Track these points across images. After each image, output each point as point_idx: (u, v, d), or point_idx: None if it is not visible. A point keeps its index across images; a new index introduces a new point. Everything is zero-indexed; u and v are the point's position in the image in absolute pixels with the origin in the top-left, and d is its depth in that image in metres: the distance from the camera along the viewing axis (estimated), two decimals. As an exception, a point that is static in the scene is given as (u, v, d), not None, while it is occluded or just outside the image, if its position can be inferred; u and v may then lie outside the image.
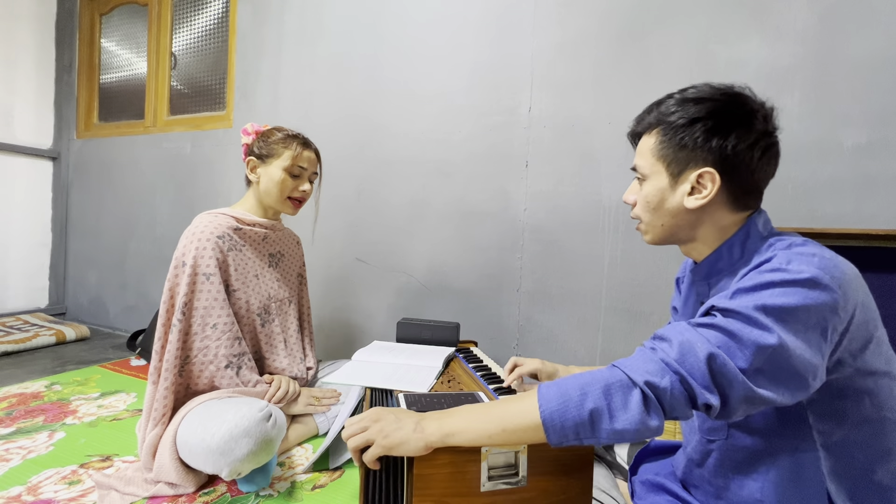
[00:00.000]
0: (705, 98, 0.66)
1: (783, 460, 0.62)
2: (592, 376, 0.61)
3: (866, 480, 0.59)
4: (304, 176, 1.28)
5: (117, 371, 1.81)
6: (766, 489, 0.62)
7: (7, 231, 2.48)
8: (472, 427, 0.66)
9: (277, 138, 1.26)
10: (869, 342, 0.58)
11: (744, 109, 0.65)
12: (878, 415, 0.59)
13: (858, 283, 0.59)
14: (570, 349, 1.53)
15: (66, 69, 2.68)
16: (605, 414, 0.58)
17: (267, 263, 1.32)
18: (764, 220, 0.69)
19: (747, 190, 0.66)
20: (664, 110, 0.69)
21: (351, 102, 1.89)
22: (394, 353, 1.31)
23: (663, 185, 0.69)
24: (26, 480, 1.03)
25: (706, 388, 0.55)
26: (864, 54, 1.19)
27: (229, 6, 2.22)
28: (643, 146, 0.72)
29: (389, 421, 0.69)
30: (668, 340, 0.59)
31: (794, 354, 0.54)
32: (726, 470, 0.67)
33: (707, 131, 0.65)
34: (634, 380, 0.57)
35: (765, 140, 0.65)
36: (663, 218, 0.70)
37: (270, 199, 1.26)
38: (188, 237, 1.16)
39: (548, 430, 0.60)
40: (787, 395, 0.55)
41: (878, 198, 1.18)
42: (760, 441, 0.63)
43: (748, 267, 0.63)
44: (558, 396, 0.61)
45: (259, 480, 1.02)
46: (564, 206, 1.54)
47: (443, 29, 1.73)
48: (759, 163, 0.65)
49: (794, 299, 0.55)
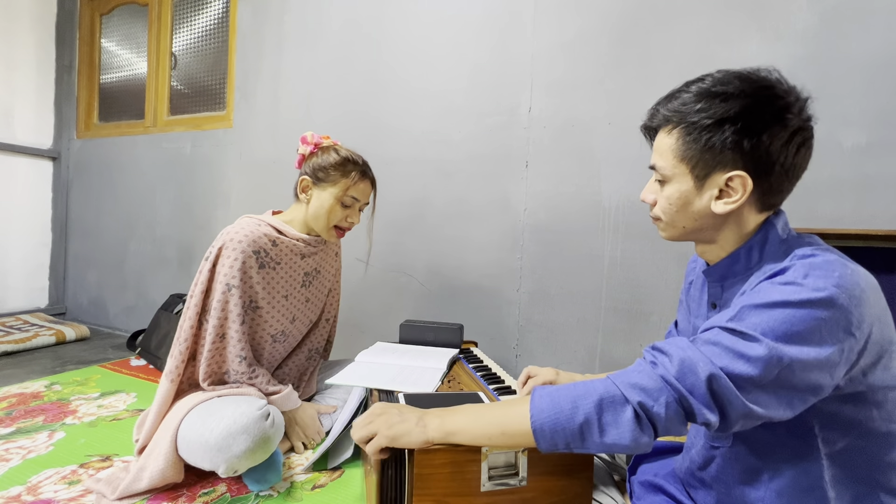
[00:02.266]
0: (732, 94, 0.60)
1: (787, 469, 0.61)
2: (586, 388, 0.60)
3: (869, 488, 0.59)
4: (356, 206, 1.23)
5: (117, 371, 1.81)
6: (769, 497, 0.62)
7: (7, 231, 2.48)
8: (472, 428, 0.66)
9: (336, 161, 1.18)
10: (882, 357, 0.56)
11: (777, 105, 0.59)
12: (886, 427, 0.58)
13: (876, 298, 0.56)
14: (570, 349, 1.53)
15: (67, 69, 2.68)
16: (594, 428, 0.57)
17: (300, 283, 1.26)
18: (783, 222, 0.65)
19: (779, 189, 0.62)
20: (684, 106, 0.63)
21: (351, 102, 1.89)
22: (397, 355, 1.31)
23: (687, 187, 0.64)
24: (26, 480, 1.03)
25: (706, 406, 0.54)
26: (864, 54, 1.20)
27: (229, 6, 2.22)
28: (662, 145, 0.66)
29: (393, 414, 0.71)
30: (669, 355, 0.58)
31: (799, 375, 0.52)
32: (728, 477, 0.67)
33: (737, 132, 0.58)
34: (628, 397, 0.57)
35: (801, 135, 0.59)
36: (686, 220, 0.66)
37: (317, 225, 1.21)
38: (224, 239, 1.12)
39: (537, 439, 0.60)
40: (788, 412, 0.54)
41: (878, 198, 1.18)
42: (765, 450, 0.62)
43: (761, 274, 0.60)
44: (550, 407, 0.60)
45: (271, 478, 1.02)
46: (564, 206, 1.54)
47: (443, 29, 1.73)
48: (795, 160, 0.60)
49: (806, 323, 0.51)
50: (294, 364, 1.35)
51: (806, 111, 0.60)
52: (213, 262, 1.11)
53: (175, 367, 1.09)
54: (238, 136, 2.15)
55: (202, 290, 1.11)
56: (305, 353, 1.38)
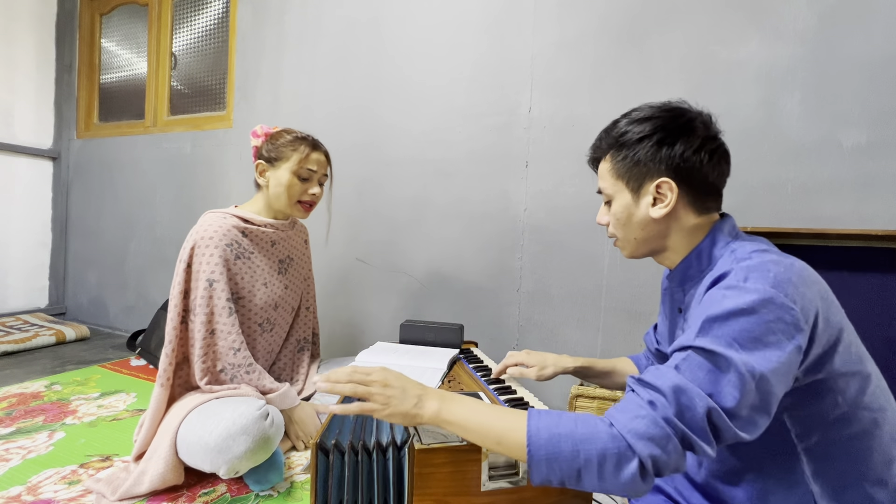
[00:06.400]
0: (648, 116, 0.71)
1: (768, 468, 0.63)
2: (588, 431, 0.58)
3: (852, 479, 0.60)
4: (314, 179, 1.26)
5: (117, 371, 1.81)
6: (756, 497, 0.63)
7: (7, 231, 2.48)
8: (469, 428, 0.66)
9: (286, 141, 1.24)
10: (836, 345, 0.59)
11: (684, 119, 0.70)
12: (854, 413, 0.59)
13: (815, 291, 0.59)
14: (570, 349, 1.53)
15: (67, 69, 2.68)
16: (594, 474, 0.57)
17: (277, 270, 1.30)
18: (730, 225, 0.72)
19: (705, 191, 0.70)
20: (615, 133, 0.74)
21: (351, 103, 1.89)
22: (398, 355, 1.31)
23: (627, 201, 0.73)
24: (26, 480, 1.03)
25: (705, 441, 0.55)
26: (864, 54, 1.20)
27: (229, 6, 2.22)
28: (602, 170, 0.77)
29: (396, 391, 0.69)
30: (662, 392, 0.57)
31: (772, 381, 0.55)
32: (716, 480, 0.69)
33: (655, 144, 0.69)
34: (637, 451, 0.55)
35: (709, 144, 0.69)
36: (634, 231, 0.74)
37: (280, 203, 1.24)
38: (194, 238, 1.14)
39: (532, 474, 0.59)
40: (768, 419, 0.56)
41: (878, 198, 1.18)
42: (745, 451, 0.65)
43: (709, 279, 0.64)
44: (548, 444, 0.59)
45: (273, 477, 1.02)
46: (564, 206, 1.54)
47: (443, 29, 1.73)
48: (709, 165, 0.69)
49: (761, 327, 0.56)
50: (287, 357, 1.38)
51: (713, 126, 0.71)
52: (187, 263, 1.13)
53: (164, 370, 1.10)
54: (238, 136, 2.15)
55: (180, 290, 1.12)
56: (294, 343, 1.42)
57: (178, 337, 1.11)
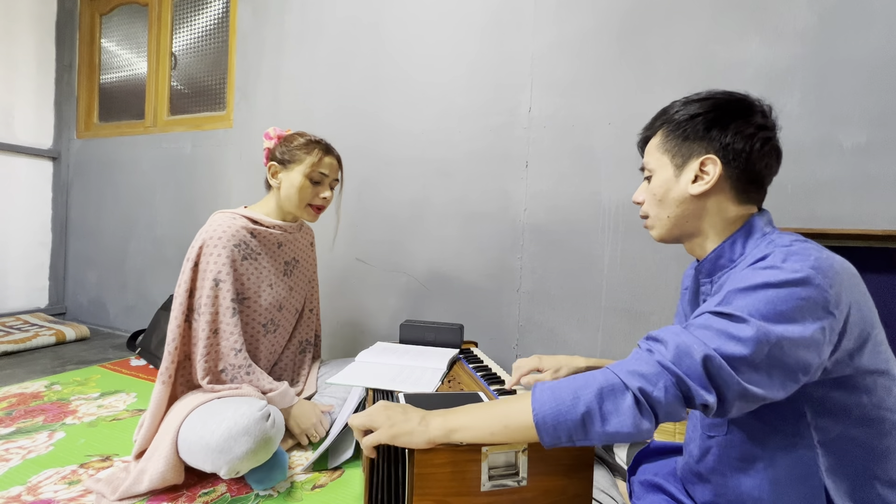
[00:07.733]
0: (706, 98, 0.71)
1: (781, 457, 0.62)
2: (586, 380, 0.61)
3: (865, 479, 0.59)
4: (325, 182, 1.27)
5: (117, 371, 1.81)
6: (764, 486, 0.63)
7: (7, 231, 2.48)
8: (475, 424, 0.67)
9: (299, 143, 1.24)
10: (866, 341, 0.59)
11: (742, 104, 0.69)
12: (877, 414, 0.59)
13: (853, 283, 0.59)
14: (570, 349, 1.53)
15: (67, 69, 2.68)
16: (596, 417, 0.58)
17: (282, 272, 1.30)
18: (767, 219, 0.70)
19: (749, 179, 0.69)
20: (670, 111, 0.74)
21: (351, 103, 1.89)
22: (398, 355, 1.31)
23: (668, 175, 0.72)
24: (26, 480, 1.03)
25: (703, 387, 0.55)
26: (864, 54, 1.20)
27: (229, 6, 2.22)
28: (650, 146, 0.76)
29: (397, 412, 0.71)
30: (664, 342, 0.59)
31: (787, 353, 0.54)
32: (724, 467, 0.68)
33: (707, 122, 0.69)
34: (628, 384, 0.58)
35: (763, 133, 0.68)
36: (669, 209, 0.73)
37: (290, 205, 1.25)
38: (203, 238, 1.14)
39: (540, 433, 0.61)
40: (781, 392, 0.56)
41: (878, 198, 1.18)
42: (759, 437, 0.64)
43: (744, 263, 0.64)
44: (551, 400, 0.61)
45: (276, 476, 1.02)
46: (564, 206, 1.54)
47: (443, 29, 1.73)
48: (758, 154, 0.68)
49: (788, 303, 0.55)
50: (289, 358, 1.38)
51: (770, 117, 0.70)
52: (194, 262, 1.13)
53: (166, 368, 1.10)
54: (238, 136, 2.15)
55: (186, 289, 1.12)
56: (296, 344, 1.42)
57: (181, 335, 1.11)
